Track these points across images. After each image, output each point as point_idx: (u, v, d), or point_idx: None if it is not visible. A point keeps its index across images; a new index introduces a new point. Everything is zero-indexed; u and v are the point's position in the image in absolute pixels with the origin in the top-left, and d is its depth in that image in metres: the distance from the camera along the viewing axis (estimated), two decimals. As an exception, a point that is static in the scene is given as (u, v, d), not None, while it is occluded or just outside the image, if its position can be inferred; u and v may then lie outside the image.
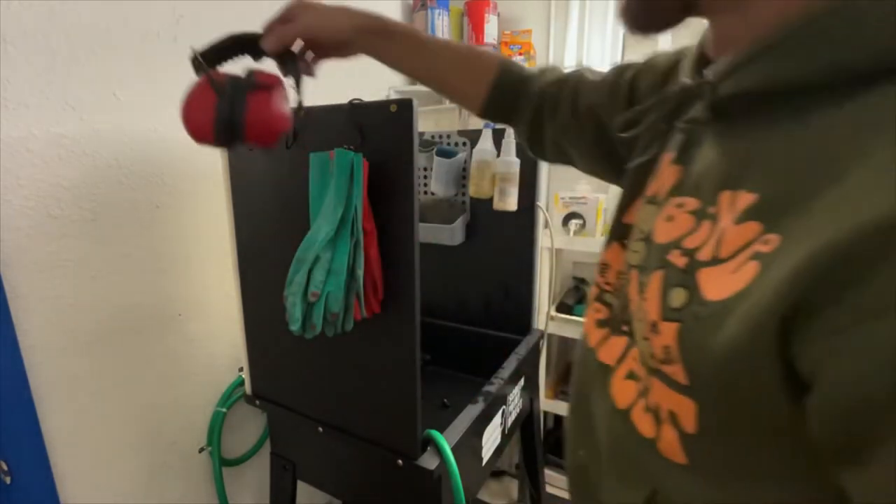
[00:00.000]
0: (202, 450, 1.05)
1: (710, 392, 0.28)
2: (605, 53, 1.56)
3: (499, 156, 1.10)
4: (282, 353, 0.89)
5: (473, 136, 1.17)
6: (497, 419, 0.98)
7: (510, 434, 1.09)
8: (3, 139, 0.69)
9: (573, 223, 1.46)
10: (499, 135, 1.09)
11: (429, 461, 0.75)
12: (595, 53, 1.57)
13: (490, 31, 1.58)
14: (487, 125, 1.12)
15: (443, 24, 1.56)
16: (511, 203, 1.09)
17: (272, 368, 0.92)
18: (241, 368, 1.09)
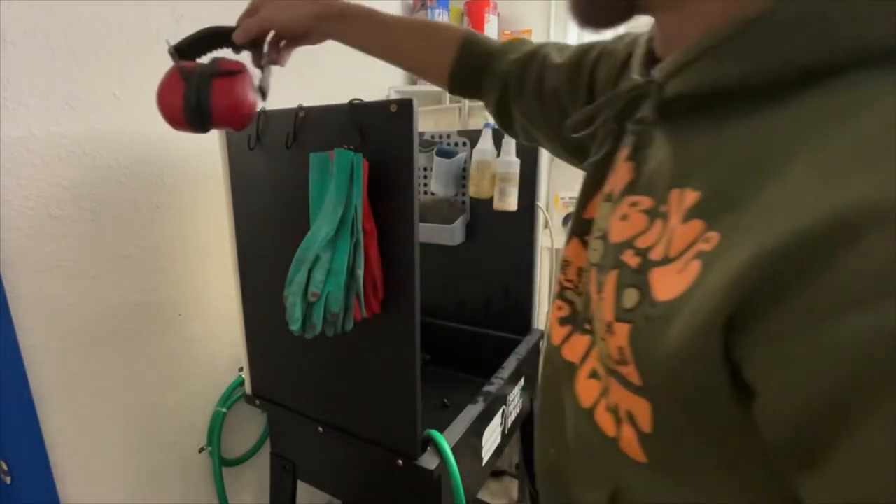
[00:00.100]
0: (202, 450, 1.05)
1: (663, 393, 0.28)
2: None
3: (499, 156, 1.10)
4: (282, 353, 0.89)
5: (473, 136, 1.17)
6: (497, 419, 0.98)
7: (510, 434, 1.09)
8: (3, 139, 0.69)
9: (573, 223, 1.46)
10: (499, 135, 1.09)
11: (429, 461, 0.75)
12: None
13: (490, 31, 1.58)
14: (487, 125, 1.12)
15: (443, 24, 1.56)
16: (511, 203, 1.09)
17: (272, 368, 0.92)
18: (241, 368, 1.09)
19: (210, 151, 0.91)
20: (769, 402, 0.23)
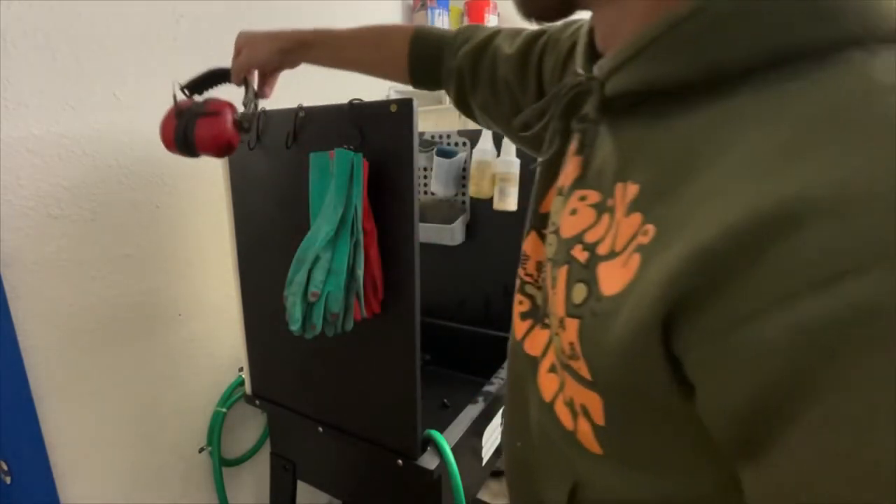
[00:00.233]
0: (202, 450, 1.05)
1: (611, 388, 0.29)
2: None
3: (499, 156, 1.10)
4: (282, 353, 0.89)
5: (473, 136, 1.17)
6: (497, 419, 0.98)
7: (510, 434, 1.09)
8: (3, 139, 0.69)
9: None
10: (499, 135, 1.09)
11: (429, 461, 0.75)
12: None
13: (490, 31, 1.58)
14: (487, 125, 1.12)
15: (443, 24, 1.56)
16: (511, 203, 1.09)
17: (272, 368, 0.92)
18: (241, 368, 1.09)
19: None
20: (706, 399, 0.23)
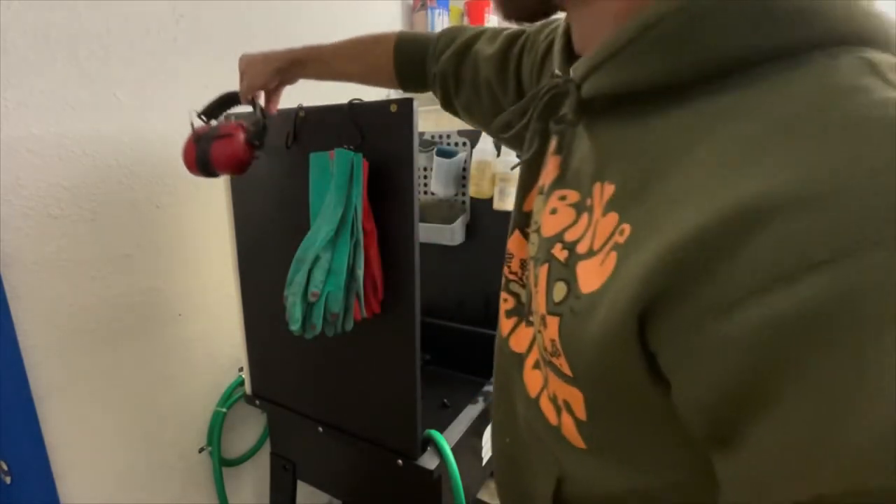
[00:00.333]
0: (202, 450, 1.05)
1: (591, 383, 0.29)
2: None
3: (499, 156, 1.10)
4: (282, 353, 0.89)
5: (473, 136, 1.17)
6: (497, 419, 0.98)
7: (510, 434, 1.09)
8: (3, 139, 0.69)
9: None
10: (499, 135, 1.09)
11: (429, 461, 0.75)
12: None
13: (490, 31, 1.58)
14: (487, 125, 1.12)
15: (443, 24, 1.56)
16: (511, 203, 1.09)
17: (272, 368, 0.92)
18: (241, 368, 1.09)
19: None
20: (680, 392, 0.24)
